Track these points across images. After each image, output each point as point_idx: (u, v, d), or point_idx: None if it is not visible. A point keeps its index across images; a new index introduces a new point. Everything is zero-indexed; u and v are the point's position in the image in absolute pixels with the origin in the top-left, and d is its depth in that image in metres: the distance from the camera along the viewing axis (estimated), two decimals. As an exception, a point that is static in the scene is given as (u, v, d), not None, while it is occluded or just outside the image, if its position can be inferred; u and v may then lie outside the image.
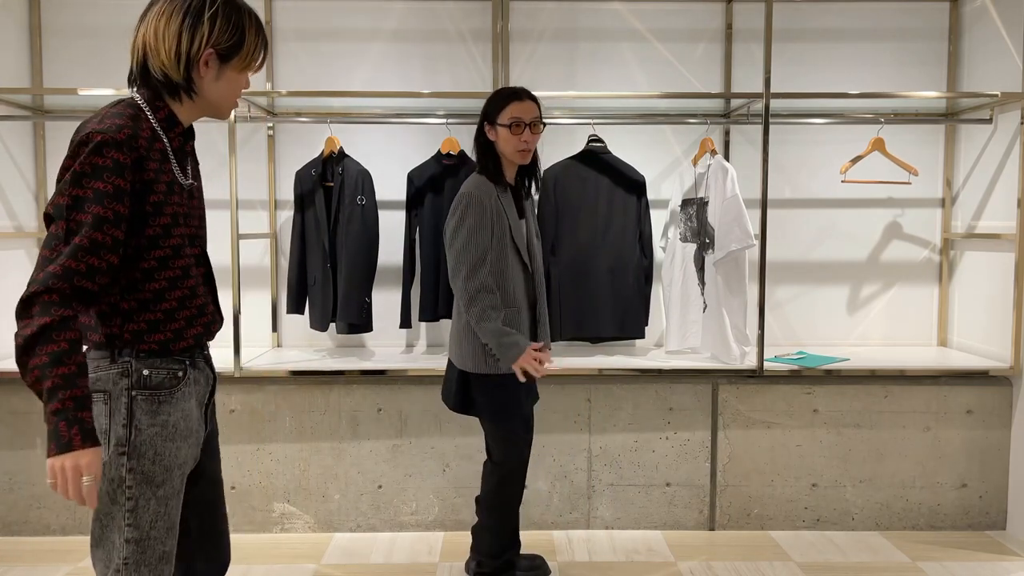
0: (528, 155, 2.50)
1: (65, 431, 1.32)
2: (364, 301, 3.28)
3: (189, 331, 1.55)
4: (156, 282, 1.49)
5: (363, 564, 2.93)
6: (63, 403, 1.32)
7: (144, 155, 1.44)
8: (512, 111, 2.45)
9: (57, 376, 1.32)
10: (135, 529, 1.47)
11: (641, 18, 3.54)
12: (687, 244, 3.37)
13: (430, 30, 3.53)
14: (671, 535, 3.18)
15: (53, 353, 1.32)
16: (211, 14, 1.48)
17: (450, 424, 3.17)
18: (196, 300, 1.57)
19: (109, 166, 1.38)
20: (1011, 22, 3.18)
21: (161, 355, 1.51)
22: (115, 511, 1.47)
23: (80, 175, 1.38)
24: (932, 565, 2.90)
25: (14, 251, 3.38)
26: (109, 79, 3.44)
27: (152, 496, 1.48)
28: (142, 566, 1.48)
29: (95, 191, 1.38)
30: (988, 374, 3.15)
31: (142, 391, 1.48)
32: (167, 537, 1.52)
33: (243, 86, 1.59)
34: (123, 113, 1.46)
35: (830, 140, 3.58)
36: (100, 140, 1.38)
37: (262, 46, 1.58)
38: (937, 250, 3.64)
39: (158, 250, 1.48)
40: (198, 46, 1.48)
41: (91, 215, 1.37)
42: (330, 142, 3.28)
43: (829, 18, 3.56)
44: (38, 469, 3.14)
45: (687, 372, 3.16)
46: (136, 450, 1.47)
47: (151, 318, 1.49)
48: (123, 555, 1.47)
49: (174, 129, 1.53)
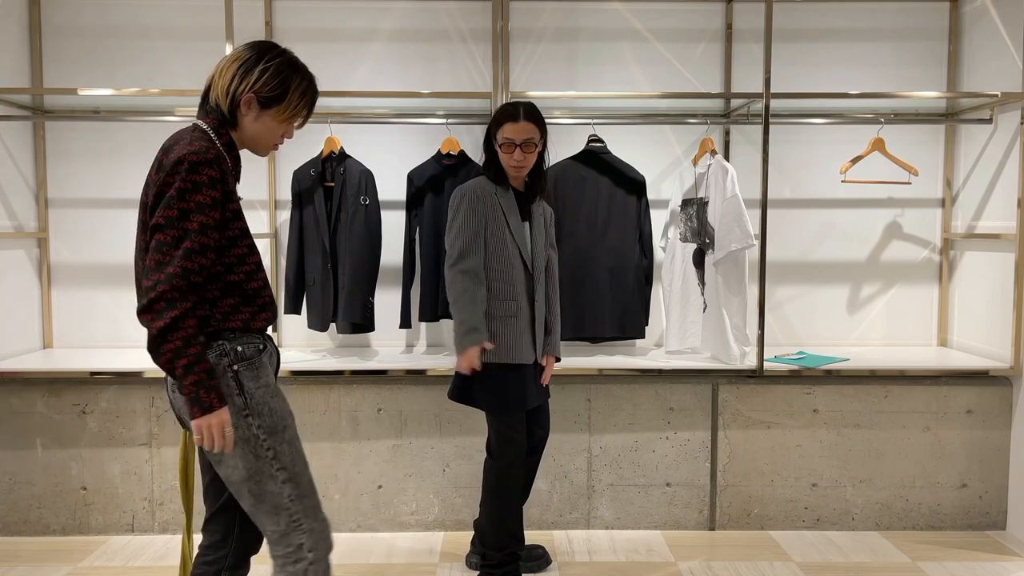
0: (521, 170, 2.58)
1: (206, 397, 1.65)
2: (368, 301, 3.28)
3: (261, 315, 1.83)
4: (235, 274, 1.77)
5: (363, 564, 2.93)
6: (199, 375, 1.64)
7: (224, 171, 1.72)
8: (505, 131, 2.54)
9: (190, 355, 1.63)
10: (285, 471, 1.77)
11: (641, 18, 3.54)
12: (687, 244, 3.37)
13: (430, 30, 3.53)
14: (671, 535, 3.18)
15: (184, 338, 1.62)
16: (263, 67, 1.77)
17: (450, 424, 3.17)
18: (266, 291, 1.85)
19: (206, 181, 1.66)
20: (1011, 22, 3.18)
21: (245, 332, 1.79)
22: (262, 465, 1.76)
23: (183, 191, 1.65)
24: (932, 565, 2.90)
25: (14, 251, 3.38)
26: (109, 79, 3.44)
27: (283, 441, 1.78)
28: (303, 497, 1.79)
29: (197, 203, 1.66)
30: (988, 374, 3.15)
31: (241, 363, 1.75)
32: (306, 469, 1.82)
33: (281, 134, 1.86)
34: (203, 137, 1.73)
35: (830, 140, 3.58)
36: (195, 160, 1.65)
37: (305, 106, 1.85)
38: (937, 250, 3.64)
39: (237, 248, 1.76)
40: (244, 88, 1.77)
41: (197, 223, 1.65)
42: (330, 142, 3.28)
43: (829, 18, 3.56)
44: (38, 469, 3.14)
45: (687, 372, 3.16)
46: (255, 410, 1.75)
47: (232, 302, 1.77)
48: (287, 493, 1.77)
49: (231, 153, 1.82)
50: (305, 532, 1.78)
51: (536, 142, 2.56)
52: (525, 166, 2.57)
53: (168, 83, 3.43)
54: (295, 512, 1.78)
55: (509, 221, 2.57)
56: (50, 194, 3.51)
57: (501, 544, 2.66)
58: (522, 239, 2.60)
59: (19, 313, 3.40)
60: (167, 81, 3.44)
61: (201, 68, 3.41)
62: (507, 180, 2.62)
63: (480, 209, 2.54)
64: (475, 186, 2.59)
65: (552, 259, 2.75)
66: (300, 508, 1.78)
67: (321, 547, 1.80)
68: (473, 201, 2.55)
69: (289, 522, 1.77)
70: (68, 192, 3.51)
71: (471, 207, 2.54)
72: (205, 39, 3.45)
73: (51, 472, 3.15)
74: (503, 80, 3.16)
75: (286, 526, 1.78)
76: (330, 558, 1.83)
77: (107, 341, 3.55)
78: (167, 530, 3.18)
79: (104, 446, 3.14)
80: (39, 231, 3.49)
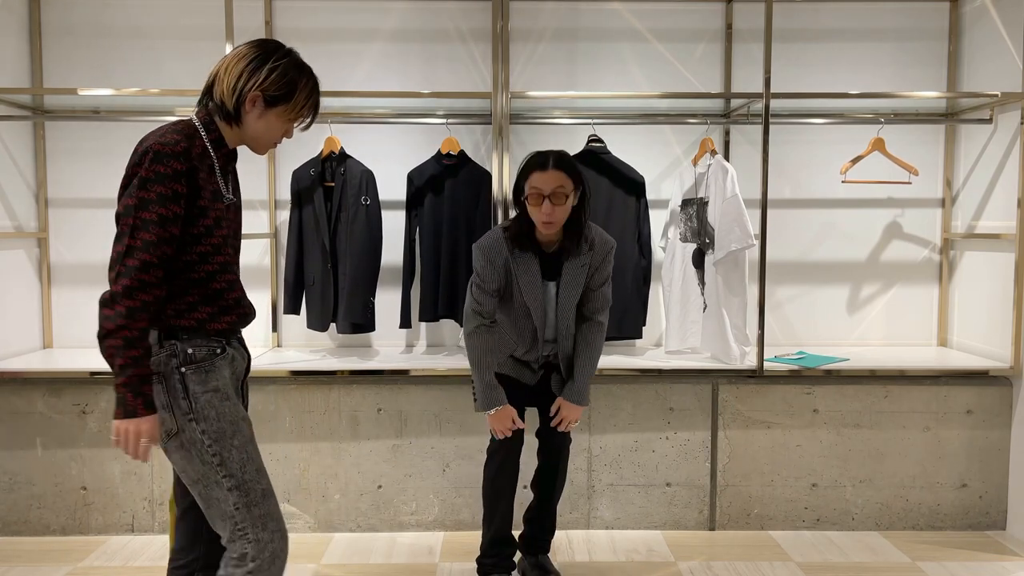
0: (550, 226, 2.37)
1: (132, 401, 1.63)
2: (369, 301, 3.28)
3: (224, 317, 1.79)
4: (196, 272, 1.74)
5: (363, 564, 2.93)
6: (130, 379, 1.62)
7: (195, 166, 1.69)
8: (532, 181, 2.35)
9: (128, 357, 1.61)
10: (231, 478, 1.72)
11: (641, 18, 3.54)
12: (687, 244, 3.37)
13: (430, 30, 3.53)
14: (671, 535, 3.18)
15: (127, 338, 1.61)
16: (271, 67, 1.77)
17: (450, 424, 3.17)
18: (232, 293, 1.81)
19: (170, 173, 1.64)
20: (1011, 22, 3.18)
21: (200, 334, 1.75)
22: (208, 471, 1.72)
23: (145, 180, 1.64)
24: (932, 565, 2.90)
25: (14, 251, 3.38)
26: (109, 79, 3.44)
27: (231, 447, 1.73)
28: (251, 507, 1.73)
29: (159, 194, 1.64)
30: (988, 374, 3.15)
31: (189, 366, 1.72)
32: (260, 477, 1.76)
33: (283, 133, 1.86)
34: (181, 130, 1.71)
35: (830, 140, 3.58)
36: (161, 151, 1.64)
37: (311, 108, 1.85)
38: (937, 250, 3.64)
39: (200, 246, 1.73)
40: (251, 86, 1.76)
41: (156, 214, 1.63)
42: (330, 142, 3.28)
43: (829, 18, 3.56)
44: (38, 469, 3.14)
45: (687, 372, 3.16)
46: (201, 414, 1.71)
47: (190, 300, 1.74)
48: (233, 501, 1.72)
49: (220, 149, 1.79)
50: (250, 542, 1.72)
51: (567, 192, 2.34)
52: (555, 221, 2.35)
53: (168, 83, 3.43)
54: (240, 521, 1.72)
55: (523, 285, 2.44)
56: (50, 194, 3.51)
57: (488, 544, 2.67)
58: (535, 302, 2.46)
59: (19, 313, 3.40)
60: (167, 81, 3.44)
61: (201, 68, 3.42)
62: (529, 241, 2.44)
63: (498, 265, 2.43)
64: (483, 243, 2.46)
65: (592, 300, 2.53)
66: (246, 517, 1.72)
67: (264, 558, 1.73)
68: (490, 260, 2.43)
69: (234, 530, 1.73)
70: (68, 192, 3.51)
71: (489, 265, 2.43)
72: (205, 39, 3.45)
73: (51, 472, 3.15)
74: (503, 80, 3.16)
75: (231, 533, 1.73)
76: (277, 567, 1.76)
77: (107, 341, 3.54)
78: (167, 530, 3.18)
79: (104, 446, 3.14)
80: (39, 231, 3.49)
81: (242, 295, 1.85)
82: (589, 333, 2.55)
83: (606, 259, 2.52)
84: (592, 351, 2.56)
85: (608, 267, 2.54)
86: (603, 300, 2.56)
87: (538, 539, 2.75)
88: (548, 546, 2.78)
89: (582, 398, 2.55)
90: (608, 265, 2.53)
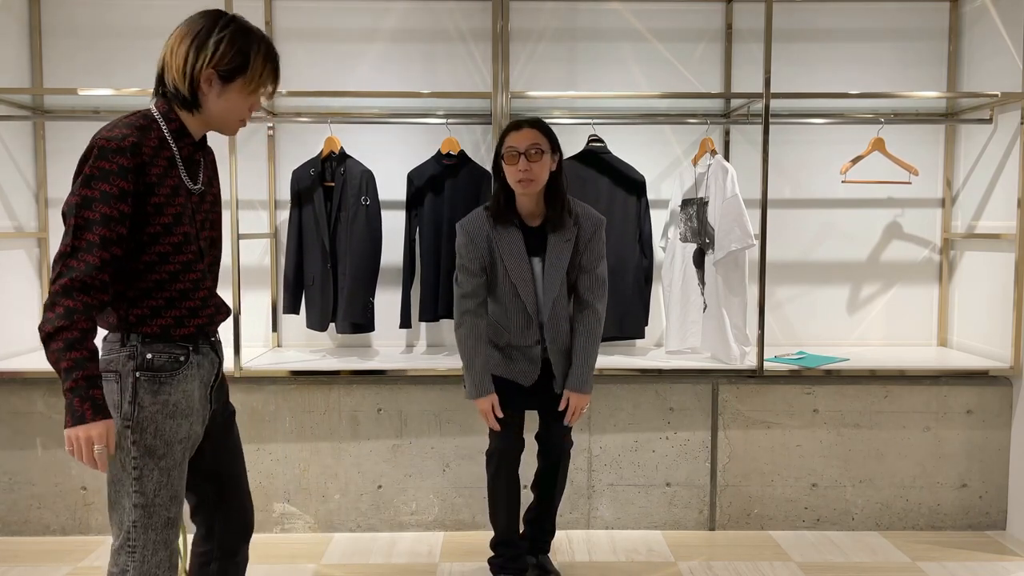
0: (531, 185, 2.37)
1: (79, 406, 1.53)
2: (369, 301, 3.28)
3: (191, 320, 1.70)
4: (157, 274, 1.65)
5: (363, 564, 2.93)
6: (76, 382, 1.52)
7: (147, 161, 1.59)
8: (508, 141, 2.39)
9: (70, 360, 1.52)
10: (141, 495, 1.64)
11: (641, 18, 3.54)
12: (687, 244, 3.37)
13: (430, 30, 3.53)
14: (671, 535, 3.18)
15: (67, 340, 1.52)
16: (217, 39, 1.63)
17: (450, 424, 3.17)
18: (199, 293, 1.71)
19: (115, 170, 1.56)
20: (1011, 22, 3.18)
21: (164, 340, 1.67)
22: (124, 478, 1.65)
23: (89, 177, 1.56)
24: (932, 565, 2.90)
25: (14, 251, 3.38)
26: (109, 79, 3.44)
27: (155, 467, 1.65)
28: (149, 530, 1.65)
29: (102, 192, 1.55)
30: (988, 374, 3.15)
31: (145, 372, 1.65)
32: (171, 504, 1.68)
33: (249, 107, 1.72)
34: (132, 123, 1.62)
35: (830, 140, 3.58)
36: (105, 146, 1.56)
37: (270, 74, 1.71)
38: (937, 250, 3.64)
39: (158, 246, 1.64)
40: (201, 65, 1.63)
41: (99, 214, 1.55)
42: (330, 142, 3.28)
43: (829, 18, 3.56)
44: (38, 469, 3.14)
45: (687, 372, 3.16)
46: (139, 425, 1.64)
47: (153, 304, 1.66)
48: (132, 518, 1.65)
49: (184, 139, 1.68)
50: (136, 561, 1.65)
51: (543, 149, 2.36)
52: (533, 179, 2.35)
53: (168, 83, 3.43)
54: (133, 538, 1.65)
55: (507, 262, 2.44)
56: (50, 194, 3.51)
57: (495, 543, 2.69)
58: (523, 280, 2.45)
59: (19, 313, 3.40)
60: (167, 81, 3.44)
61: (201, 68, 3.44)
62: (511, 214, 2.45)
63: (481, 245, 2.45)
64: (464, 222, 2.49)
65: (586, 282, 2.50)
66: (140, 537, 1.65)
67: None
68: (465, 237, 2.46)
69: (124, 542, 1.66)
70: (68, 192, 3.50)
71: (471, 244, 2.45)
72: (205, 39, 3.44)
73: (51, 472, 3.15)
74: (503, 80, 3.15)
75: (120, 544, 1.66)
76: None
77: (107, 341, 3.54)
78: (167, 530, 3.18)
79: (104, 446, 3.13)
80: (39, 231, 3.49)
81: (210, 293, 1.76)
82: (586, 321, 2.51)
83: (595, 235, 2.49)
84: (589, 338, 2.51)
85: (599, 244, 2.50)
86: (598, 282, 2.51)
87: (538, 540, 2.76)
88: (548, 546, 2.79)
89: (583, 385, 2.50)
90: (599, 242, 2.49)
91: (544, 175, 2.39)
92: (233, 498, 1.90)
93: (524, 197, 2.43)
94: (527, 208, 2.46)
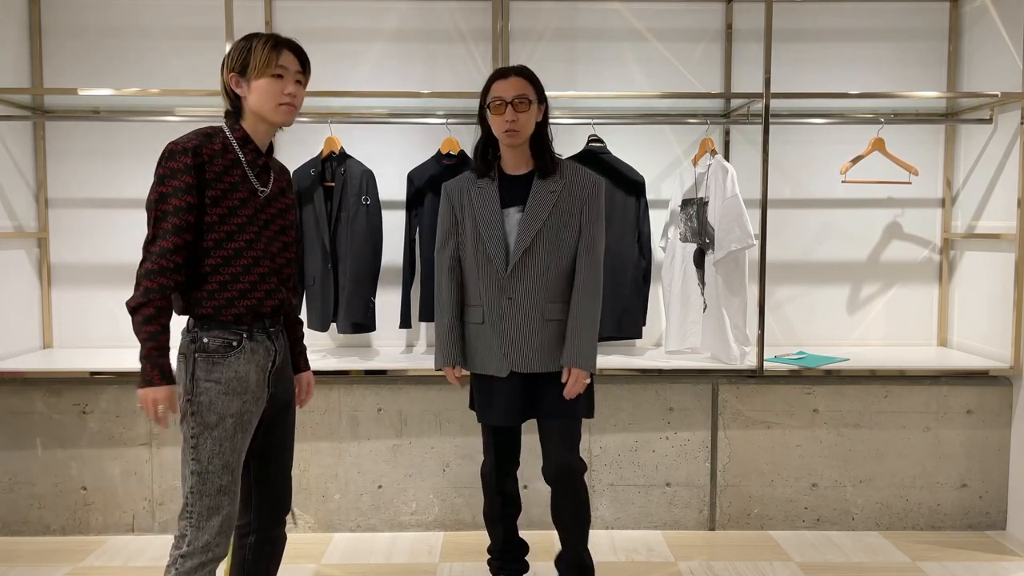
0: (515, 135, 2.27)
1: (150, 371, 1.82)
2: (369, 301, 3.28)
3: (241, 301, 1.93)
4: (212, 258, 1.90)
5: (363, 564, 2.93)
6: (150, 351, 1.81)
7: (206, 160, 1.87)
8: (494, 90, 2.29)
9: (146, 332, 1.81)
10: (197, 463, 1.88)
11: (641, 18, 3.54)
12: (687, 244, 3.37)
13: (430, 30, 3.53)
14: (671, 535, 3.18)
15: (145, 315, 1.81)
16: (228, 53, 1.97)
17: (450, 424, 3.17)
18: (248, 277, 1.94)
19: (180, 168, 1.84)
20: (1011, 22, 3.18)
21: (218, 325, 1.91)
22: (185, 448, 1.90)
23: (162, 176, 1.85)
24: (932, 565, 2.90)
25: (14, 251, 3.38)
26: (109, 79, 3.44)
27: (208, 436, 1.88)
28: (203, 496, 1.87)
29: (173, 188, 1.83)
30: (988, 374, 3.15)
31: (201, 354, 1.90)
32: (223, 473, 1.89)
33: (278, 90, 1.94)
34: (200, 132, 1.92)
35: (830, 140, 3.58)
36: (172, 148, 1.85)
37: (272, 51, 1.92)
38: (937, 250, 3.64)
39: (213, 233, 1.89)
40: (226, 76, 1.95)
41: (172, 205, 1.83)
42: (330, 142, 3.28)
43: (829, 18, 3.56)
44: (38, 469, 3.14)
45: (687, 372, 3.16)
46: (196, 399, 1.88)
47: (208, 288, 1.90)
48: (189, 485, 1.88)
49: (248, 146, 1.96)
50: (192, 526, 1.88)
51: (530, 99, 2.28)
52: (520, 129, 2.26)
53: (168, 83, 3.43)
54: (191, 504, 1.88)
55: (478, 215, 2.33)
56: (50, 194, 3.51)
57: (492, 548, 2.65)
58: (492, 231, 2.32)
59: (19, 313, 3.40)
60: (167, 81, 3.44)
61: (201, 68, 3.45)
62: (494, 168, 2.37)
63: (455, 203, 2.40)
64: (449, 183, 2.45)
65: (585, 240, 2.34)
66: (196, 503, 1.88)
67: (198, 546, 1.86)
68: (445, 201, 2.43)
69: (184, 506, 1.89)
70: (68, 192, 3.51)
71: (446, 203, 2.43)
72: (205, 39, 3.45)
73: (51, 472, 3.15)
74: (503, 80, 3.15)
75: (181, 508, 1.90)
76: (205, 562, 1.87)
77: (107, 341, 3.55)
78: (167, 530, 3.18)
79: (104, 446, 3.14)
80: (39, 231, 3.49)
81: (261, 279, 1.96)
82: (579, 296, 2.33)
83: (593, 193, 2.36)
84: (582, 310, 2.32)
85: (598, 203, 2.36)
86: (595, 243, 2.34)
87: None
88: None
89: (579, 358, 2.29)
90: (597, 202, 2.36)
91: (530, 126, 2.31)
92: (274, 479, 2.09)
93: (509, 148, 2.35)
94: (512, 160, 2.37)
